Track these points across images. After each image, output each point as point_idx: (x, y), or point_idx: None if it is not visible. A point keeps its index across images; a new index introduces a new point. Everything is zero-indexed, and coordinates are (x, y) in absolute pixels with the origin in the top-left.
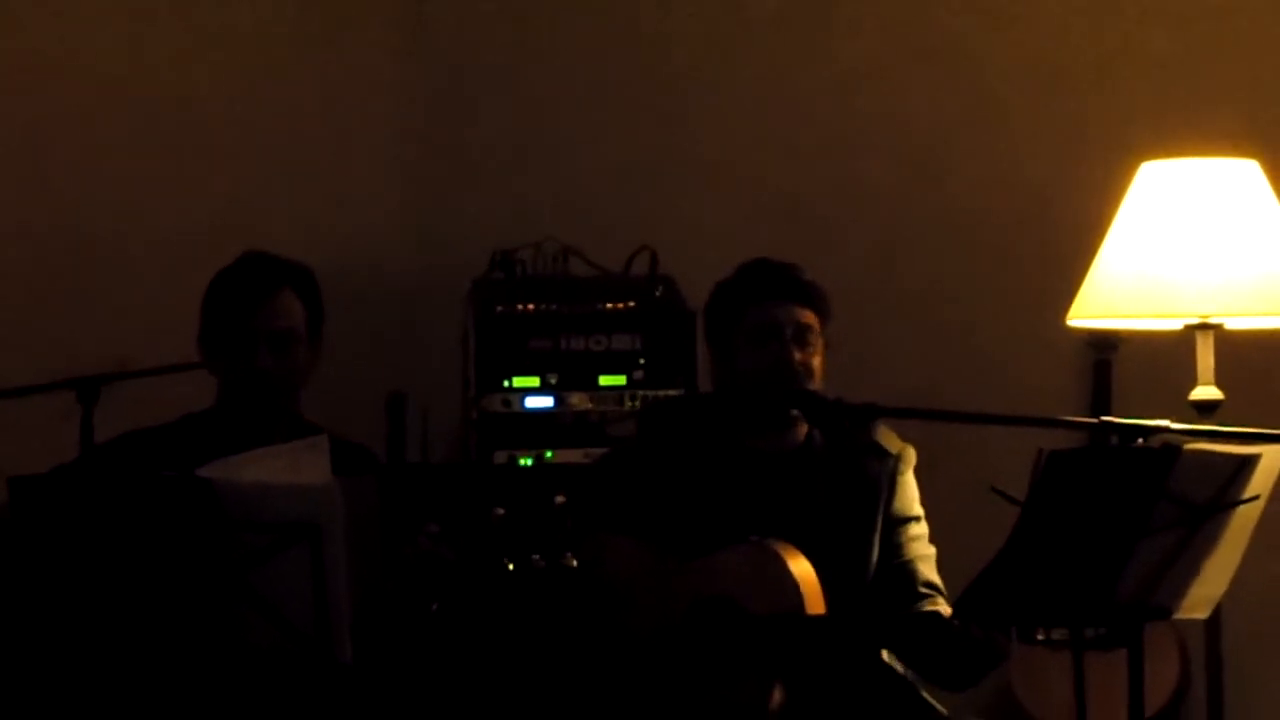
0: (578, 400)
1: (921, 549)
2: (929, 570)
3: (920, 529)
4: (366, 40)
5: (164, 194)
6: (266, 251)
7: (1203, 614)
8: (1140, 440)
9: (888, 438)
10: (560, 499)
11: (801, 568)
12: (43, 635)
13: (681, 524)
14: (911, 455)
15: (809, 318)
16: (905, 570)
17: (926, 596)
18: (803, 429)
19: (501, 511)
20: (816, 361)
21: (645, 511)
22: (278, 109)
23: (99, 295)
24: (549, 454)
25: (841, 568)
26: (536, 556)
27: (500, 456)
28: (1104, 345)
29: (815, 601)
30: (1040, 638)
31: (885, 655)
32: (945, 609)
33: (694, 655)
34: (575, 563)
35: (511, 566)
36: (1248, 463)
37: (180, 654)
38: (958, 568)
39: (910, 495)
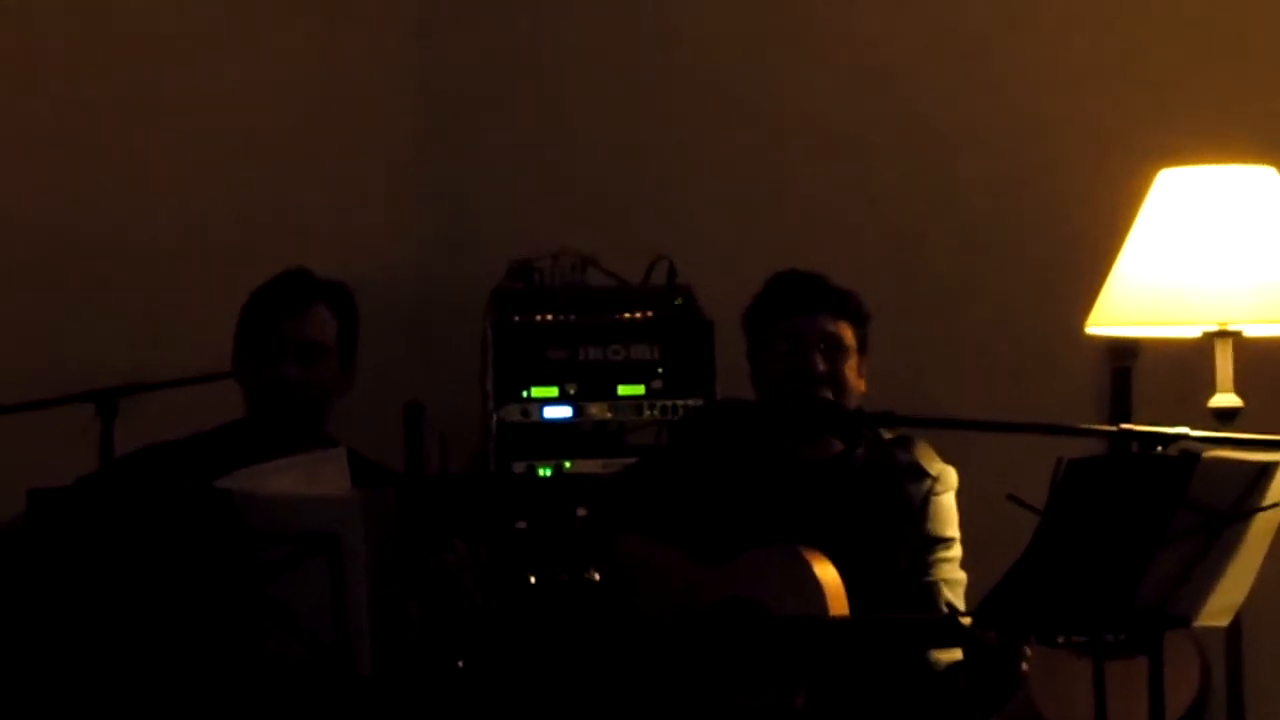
0: (596, 410)
1: (949, 572)
2: (953, 595)
3: (950, 552)
4: (381, 48)
5: (179, 206)
6: (308, 269)
7: (1223, 622)
8: (1160, 448)
9: (928, 458)
10: (582, 512)
11: (827, 572)
12: (62, 647)
13: (711, 528)
14: (952, 477)
15: (838, 327)
16: (928, 591)
17: None
18: (837, 441)
19: (523, 525)
20: (848, 370)
21: (675, 516)
22: (293, 119)
23: (116, 308)
24: (568, 464)
25: (865, 582)
26: (559, 570)
27: (519, 467)
28: (1123, 353)
29: (839, 606)
30: (1060, 640)
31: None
32: None
33: (717, 656)
34: (597, 576)
35: (534, 580)
36: (1267, 470)
37: (199, 665)
38: (977, 576)
39: (945, 518)
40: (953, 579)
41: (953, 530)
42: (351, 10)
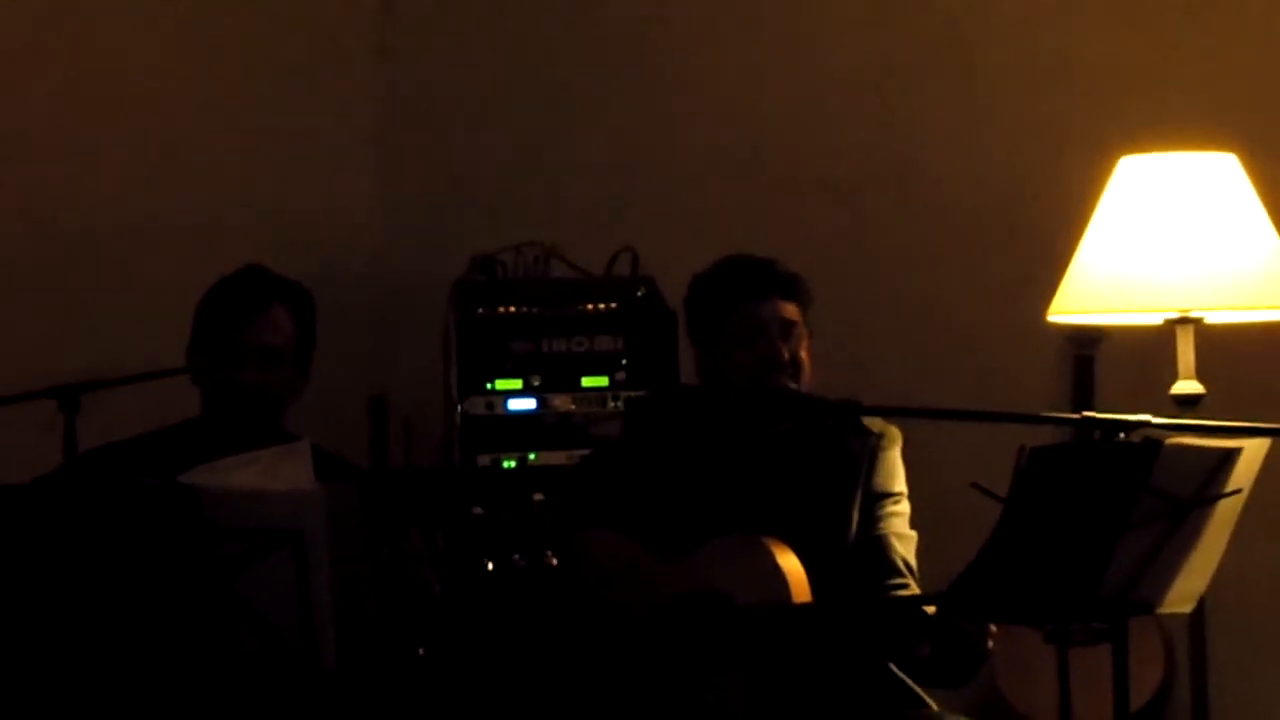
0: (560, 402)
1: (898, 526)
2: (905, 549)
3: (899, 506)
4: (345, 42)
5: (143, 200)
6: (266, 267)
7: (1186, 608)
8: (1122, 435)
9: (870, 419)
10: (538, 496)
11: (789, 561)
12: (25, 645)
13: (668, 515)
14: (896, 434)
15: (792, 311)
16: (879, 544)
17: (897, 574)
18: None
19: (479, 511)
20: (803, 353)
21: (632, 506)
22: (256, 114)
23: (80, 303)
24: (532, 456)
25: (820, 540)
26: (516, 556)
27: (483, 460)
28: (1085, 341)
29: (802, 593)
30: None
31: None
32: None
33: (685, 648)
34: (555, 561)
35: (491, 566)
36: (1230, 456)
37: (164, 661)
38: (942, 564)
39: (891, 472)
40: (903, 533)
41: (900, 485)
42: (315, 6)
